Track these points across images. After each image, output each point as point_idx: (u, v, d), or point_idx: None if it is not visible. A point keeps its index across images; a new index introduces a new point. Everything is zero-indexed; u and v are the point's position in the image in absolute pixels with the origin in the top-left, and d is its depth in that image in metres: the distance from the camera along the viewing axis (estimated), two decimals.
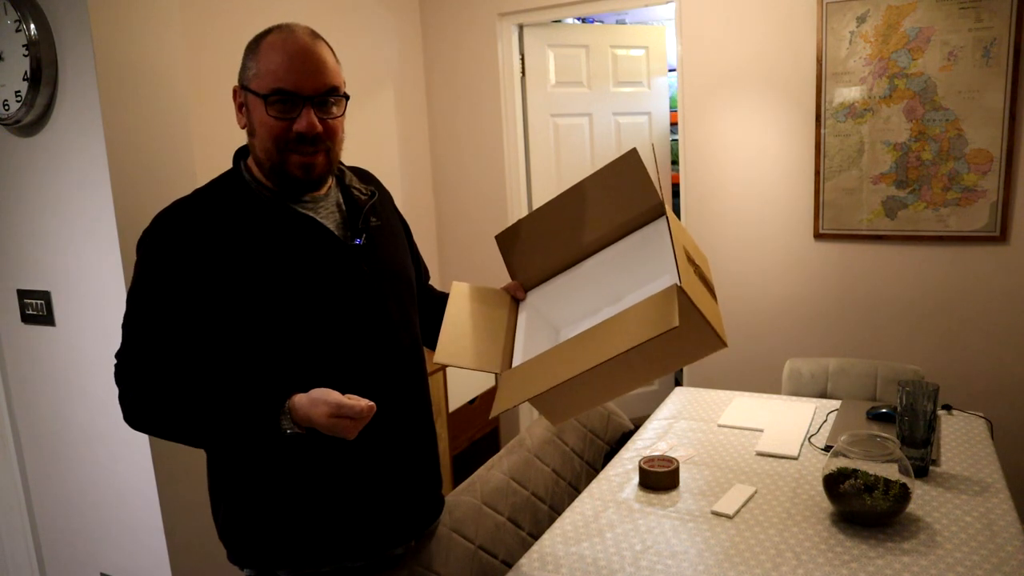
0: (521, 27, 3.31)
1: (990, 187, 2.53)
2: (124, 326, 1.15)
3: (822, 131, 2.75)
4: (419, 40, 3.44)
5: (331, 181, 1.26)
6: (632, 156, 1.36)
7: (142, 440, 1.80)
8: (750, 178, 2.93)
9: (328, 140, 1.16)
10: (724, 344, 1.14)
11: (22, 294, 1.93)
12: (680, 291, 1.07)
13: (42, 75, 1.70)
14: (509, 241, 1.46)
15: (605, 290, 1.37)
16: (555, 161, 3.45)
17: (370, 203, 1.27)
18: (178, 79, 1.84)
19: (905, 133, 2.62)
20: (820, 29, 2.69)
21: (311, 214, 1.19)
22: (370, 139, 3.12)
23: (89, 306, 1.81)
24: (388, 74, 3.23)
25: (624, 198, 1.38)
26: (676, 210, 3.61)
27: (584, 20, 3.93)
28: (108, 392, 1.84)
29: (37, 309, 1.91)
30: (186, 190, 1.87)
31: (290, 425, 1.07)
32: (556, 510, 1.68)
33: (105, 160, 1.69)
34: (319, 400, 1.05)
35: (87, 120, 1.70)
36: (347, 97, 1.18)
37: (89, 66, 1.67)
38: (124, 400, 1.14)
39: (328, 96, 1.15)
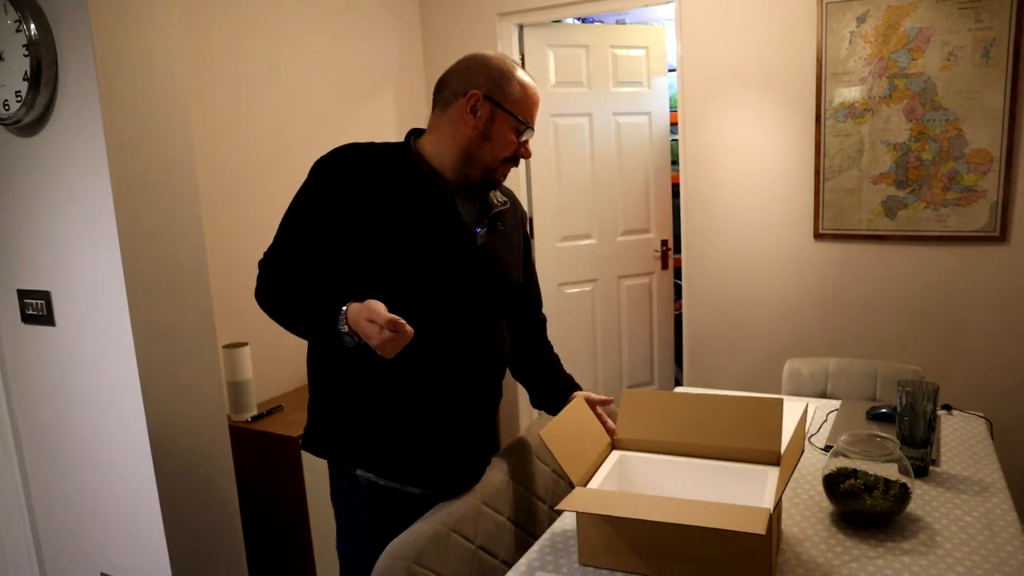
0: (521, 27, 3.31)
1: (990, 187, 2.53)
2: (280, 226, 1.41)
3: (822, 131, 2.75)
4: (419, 40, 3.44)
5: None
6: (776, 404, 1.44)
7: (142, 440, 1.80)
8: (750, 178, 2.94)
9: None
10: None
11: (22, 294, 1.93)
12: (771, 520, 1.16)
13: (42, 75, 1.70)
14: (633, 399, 1.56)
15: (694, 488, 1.47)
16: (555, 161, 3.45)
17: (499, 208, 1.51)
18: (178, 79, 1.84)
19: (905, 133, 2.62)
20: (820, 29, 2.69)
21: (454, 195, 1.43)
22: (370, 138, 3.11)
23: (89, 306, 1.81)
24: (388, 74, 3.23)
25: (753, 432, 1.45)
26: (676, 210, 3.61)
27: (584, 20, 3.93)
28: (108, 392, 1.84)
29: (37, 309, 1.91)
30: (186, 190, 1.89)
31: (343, 325, 1.29)
32: (556, 511, 1.68)
33: (105, 160, 1.69)
34: (366, 306, 1.26)
35: (87, 120, 1.70)
36: None
37: (89, 66, 1.67)
38: (259, 282, 1.42)
39: None
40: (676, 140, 3.37)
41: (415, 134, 1.51)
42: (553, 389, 1.65)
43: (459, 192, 1.46)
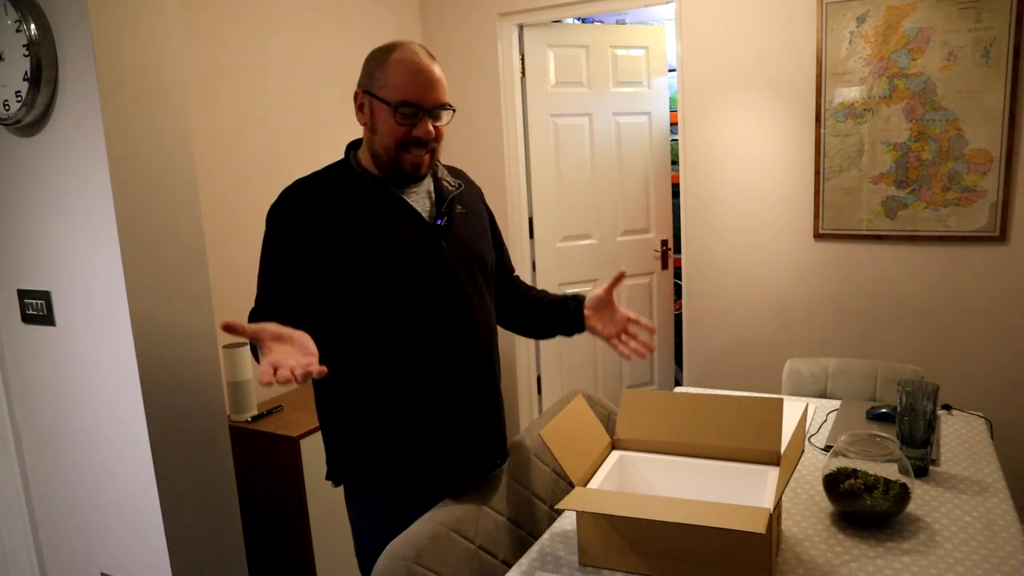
0: (521, 27, 3.31)
1: (990, 187, 2.53)
2: (258, 279, 1.42)
3: (822, 131, 2.75)
4: (419, 40, 3.44)
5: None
6: (776, 403, 1.45)
7: (142, 440, 1.80)
8: (750, 178, 2.94)
9: (435, 143, 1.42)
10: None
11: (22, 294, 1.93)
12: (771, 520, 1.16)
13: (42, 75, 1.70)
14: (633, 399, 1.56)
15: (694, 488, 1.47)
16: (555, 161, 3.45)
17: (455, 193, 1.51)
18: (178, 79, 1.84)
19: (905, 133, 2.62)
20: (820, 29, 2.69)
21: (404, 198, 1.44)
22: None
23: (89, 306, 1.81)
24: None
25: (753, 432, 1.46)
26: (676, 210, 3.61)
27: (584, 20, 3.93)
28: (108, 392, 1.84)
29: (37, 309, 1.91)
30: (186, 190, 1.89)
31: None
32: (556, 510, 1.68)
33: (105, 160, 1.69)
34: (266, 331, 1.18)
35: (87, 120, 1.70)
36: (454, 110, 1.44)
37: (89, 66, 1.67)
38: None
39: (441, 108, 1.40)
40: (676, 140, 3.37)
41: (355, 146, 1.50)
42: (563, 309, 1.64)
43: (409, 190, 1.46)
